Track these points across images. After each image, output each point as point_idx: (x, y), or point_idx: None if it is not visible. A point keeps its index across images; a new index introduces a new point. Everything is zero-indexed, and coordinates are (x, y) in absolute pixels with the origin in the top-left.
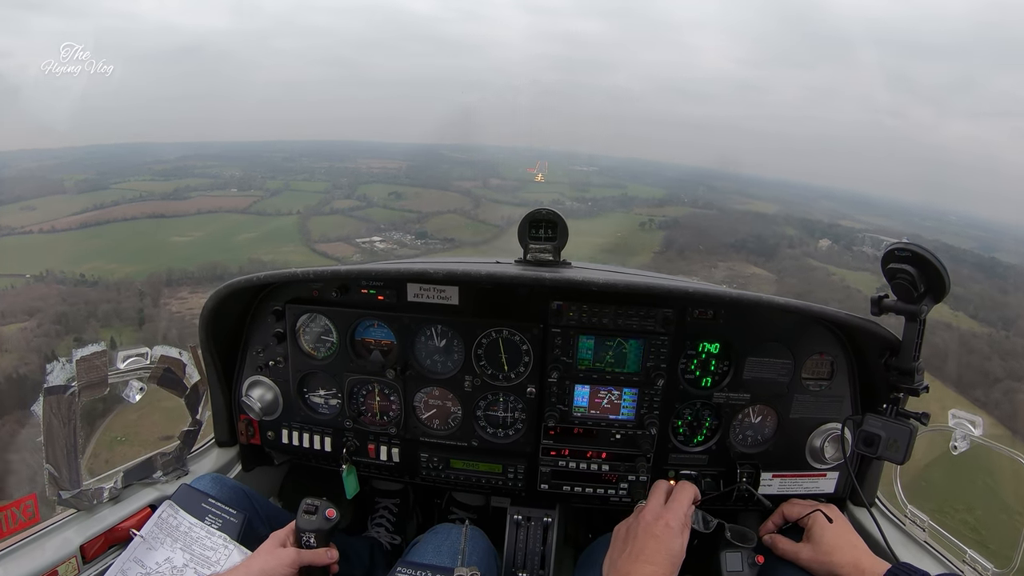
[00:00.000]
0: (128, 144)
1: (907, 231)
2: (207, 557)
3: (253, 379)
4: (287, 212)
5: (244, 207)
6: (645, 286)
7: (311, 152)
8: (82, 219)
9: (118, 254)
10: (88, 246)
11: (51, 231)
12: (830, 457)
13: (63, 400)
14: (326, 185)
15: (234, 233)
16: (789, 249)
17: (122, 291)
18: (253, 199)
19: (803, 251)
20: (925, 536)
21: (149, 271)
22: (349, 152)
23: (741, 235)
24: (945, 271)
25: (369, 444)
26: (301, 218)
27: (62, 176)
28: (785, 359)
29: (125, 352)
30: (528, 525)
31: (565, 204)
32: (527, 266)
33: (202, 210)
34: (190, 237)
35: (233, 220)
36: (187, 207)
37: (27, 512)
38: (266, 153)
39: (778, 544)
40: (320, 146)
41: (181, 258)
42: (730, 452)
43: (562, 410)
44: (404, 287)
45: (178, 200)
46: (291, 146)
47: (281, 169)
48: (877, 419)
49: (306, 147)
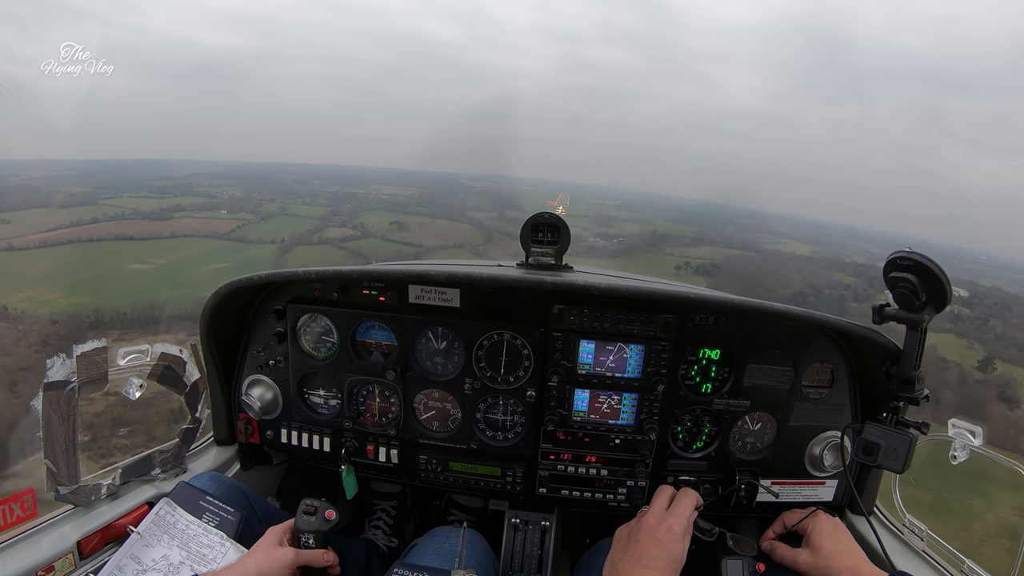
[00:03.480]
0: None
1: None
2: (204, 555)
3: (253, 378)
4: (269, 240)
5: (225, 231)
6: (646, 291)
7: (325, 175)
8: (43, 237)
9: (67, 281)
10: (38, 269)
11: (7, 248)
12: (829, 465)
13: (63, 396)
14: (325, 211)
15: (202, 262)
16: (855, 304)
17: (28, 334)
18: (239, 223)
19: (870, 306)
20: (923, 545)
21: (95, 304)
22: (364, 177)
23: (795, 284)
24: (947, 280)
25: (368, 445)
26: (282, 248)
27: (57, 188)
28: (786, 366)
29: (125, 349)
30: (526, 529)
31: (589, 241)
32: (529, 269)
33: (177, 233)
34: (150, 265)
35: (207, 246)
36: (164, 228)
37: (24, 507)
38: (278, 174)
39: (777, 550)
40: (336, 170)
41: (128, 291)
42: (729, 459)
43: (562, 414)
44: (406, 289)
45: (159, 220)
46: (306, 169)
47: (286, 191)
48: (877, 428)
49: (321, 170)
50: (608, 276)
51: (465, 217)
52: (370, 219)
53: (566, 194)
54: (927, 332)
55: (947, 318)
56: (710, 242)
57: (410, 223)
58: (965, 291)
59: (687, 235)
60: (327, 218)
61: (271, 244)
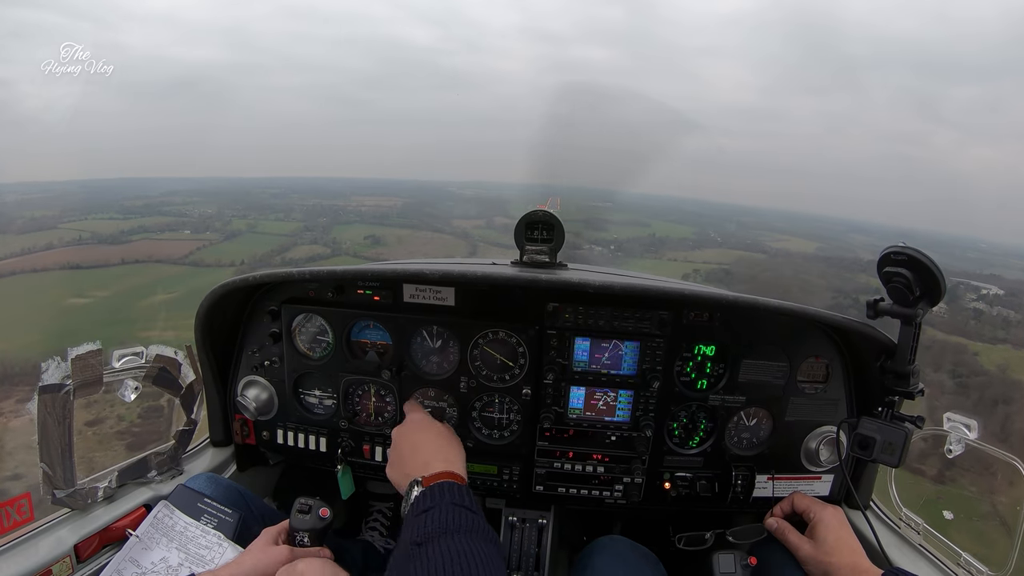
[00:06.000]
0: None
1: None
2: (202, 556)
3: (248, 379)
4: (227, 263)
5: (181, 255)
6: (641, 288)
7: (304, 188)
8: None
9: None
10: None
11: None
12: (825, 460)
13: (58, 399)
14: (297, 226)
15: (147, 292)
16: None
17: None
18: (200, 244)
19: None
20: (920, 539)
21: (18, 348)
22: (346, 189)
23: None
24: (941, 275)
25: (364, 445)
26: (239, 272)
27: (21, 213)
28: (781, 362)
29: (120, 351)
30: (523, 527)
31: (584, 248)
32: (523, 267)
33: (128, 259)
34: (90, 299)
35: (158, 273)
36: (117, 254)
37: (21, 511)
38: (257, 189)
39: (786, 533)
40: (318, 183)
41: (55, 333)
42: (725, 455)
43: (557, 412)
44: (400, 288)
45: (115, 245)
46: (286, 182)
47: (261, 206)
48: (872, 422)
49: (302, 183)
50: (603, 273)
51: (450, 227)
52: (345, 234)
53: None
54: (921, 327)
55: (997, 324)
56: (713, 244)
57: (387, 237)
58: (996, 287)
59: (688, 237)
60: (298, 235)
61: (229, 267)
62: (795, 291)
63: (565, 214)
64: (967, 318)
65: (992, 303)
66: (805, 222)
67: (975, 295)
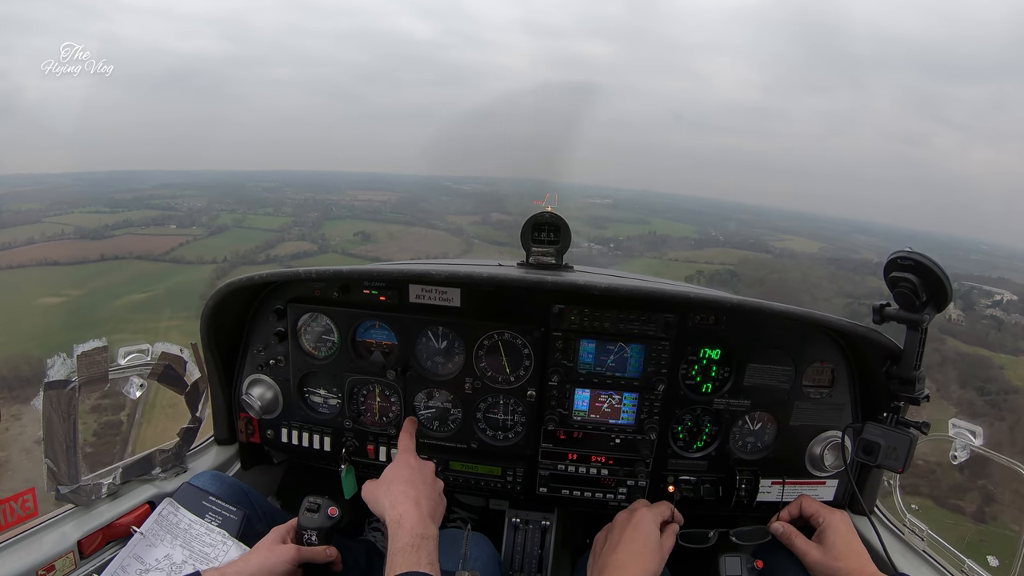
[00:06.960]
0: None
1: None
2: (206, 554)
3: (253, 377)
4: (209, 259)
5: (162, 251)
6: (647, 291)
7: (299, 182)
8: None
9: None
10: None
11: None
12: (830, 465)
13: (63, 395)
14: (286, 222)
15: (122, 291)
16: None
17: None
18: (184, 239)
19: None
20: (924, 545)
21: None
22: (341, 183)
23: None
24: (948, 280)
25: (368, 444)
26: (218, 270)
27: (7, 207)
28: (786, 366)
29: (126, 348)
30: (526, 528)
31: (583, 246)
32: (529, 269)
33: (108, 255)
34: (63, 297)
35: (136, 270)
36: (96, 250)
37: (25, 506)
38: (251, 182)
39: (793, 538)
40: (313, 176)
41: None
42: (729, 458)
43: (562, 414)
44: (406, 288)
45: (96, 240)
46: (281, 175)
47: (252, 200)
48: (877, 427)
49: (297, 177)
50: (608, 276)
51: (444, 223)
52: (334, 229)
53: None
54: (927, 332)
55: (1019, 334)
56: (715, 243)
57: (378, 233)
58: (1008, 292)
59: (689, 235)
60: (286, 230)
61: (210, 264)
62: (805, 296)
63: (564, 211)
64: (987, 328)
65: (1008, 310)
66: (807, 221)
67: (989, 301)
